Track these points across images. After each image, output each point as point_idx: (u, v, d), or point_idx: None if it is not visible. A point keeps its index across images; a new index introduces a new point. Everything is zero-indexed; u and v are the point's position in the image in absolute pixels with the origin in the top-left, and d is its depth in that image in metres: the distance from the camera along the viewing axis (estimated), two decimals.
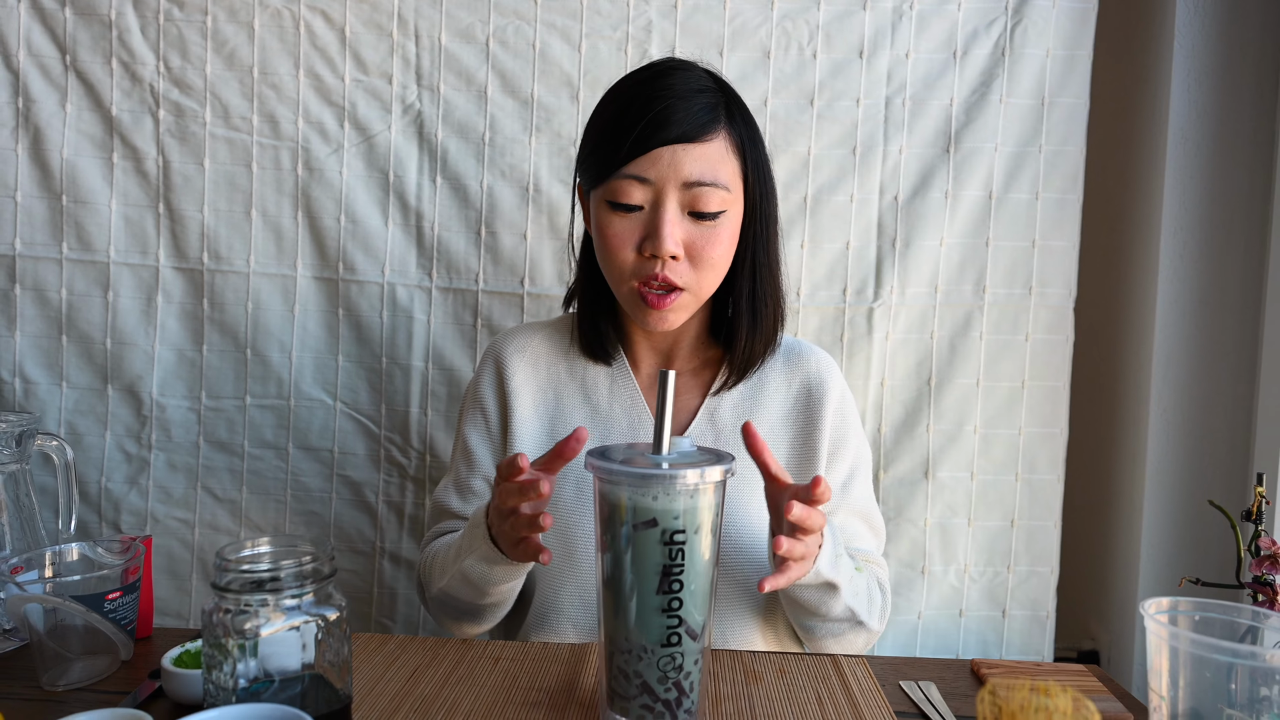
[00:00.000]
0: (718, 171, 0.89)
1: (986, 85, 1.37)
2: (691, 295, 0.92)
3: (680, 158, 0.87)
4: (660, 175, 0.88)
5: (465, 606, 0.93)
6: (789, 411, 1.01)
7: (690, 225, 0.90)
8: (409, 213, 1.41)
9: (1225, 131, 1.35)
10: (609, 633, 0.71)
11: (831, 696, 0.79)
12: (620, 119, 0.89)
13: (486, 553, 0.84)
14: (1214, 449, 1.37)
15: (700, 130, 0.88)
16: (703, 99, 0.89)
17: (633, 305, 0.93)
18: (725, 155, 0.90)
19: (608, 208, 0.91)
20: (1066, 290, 1.40)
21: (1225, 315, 1.36)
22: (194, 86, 1.41)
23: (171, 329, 1.42)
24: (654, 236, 0.88)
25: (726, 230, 0.91)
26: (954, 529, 1.41)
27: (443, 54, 1.40)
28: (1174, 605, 0.67)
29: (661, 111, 0.87)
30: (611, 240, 0.91)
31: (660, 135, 0.87)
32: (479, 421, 1.04)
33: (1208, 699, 0.60)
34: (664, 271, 0.89)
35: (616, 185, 0.89)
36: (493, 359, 1.05)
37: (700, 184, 0.88)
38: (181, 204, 1.41)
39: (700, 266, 0.91)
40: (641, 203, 0.89)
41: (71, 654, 0.80)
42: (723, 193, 0.89)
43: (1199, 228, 1.36)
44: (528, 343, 1.05)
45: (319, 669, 0.66)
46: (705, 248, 0.90)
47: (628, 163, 0.88)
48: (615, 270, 0.92)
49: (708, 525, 0.69)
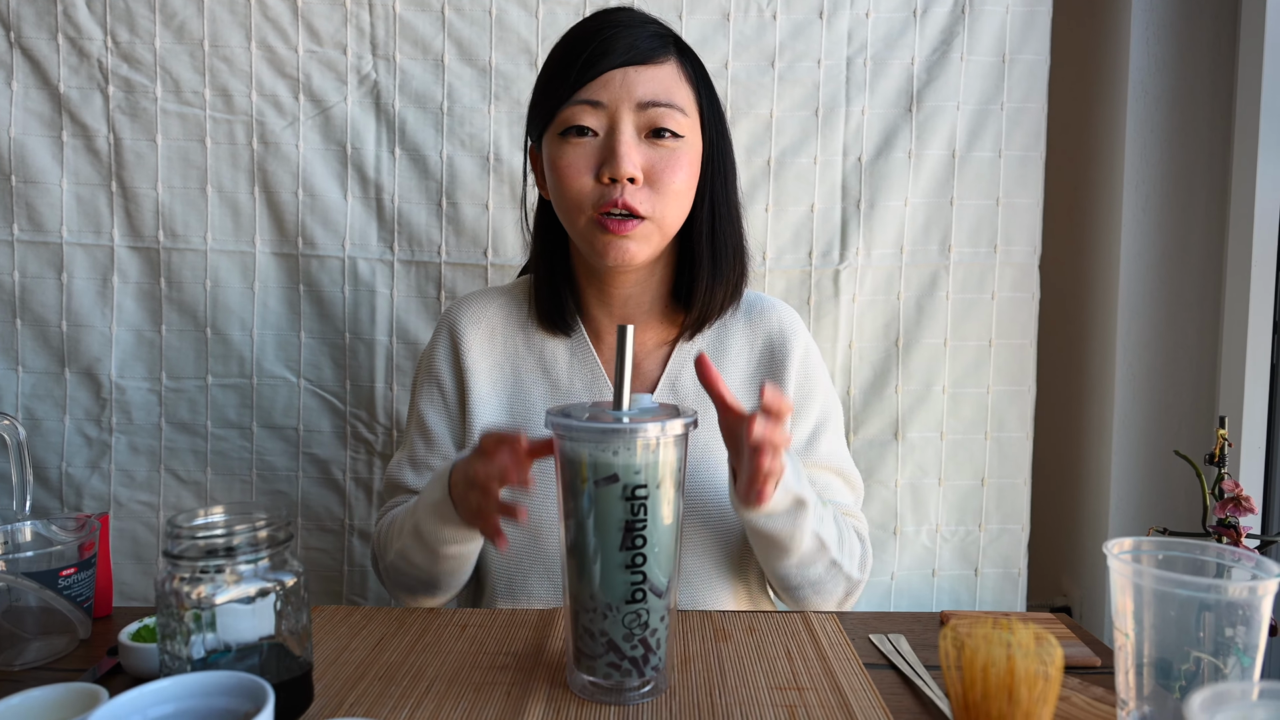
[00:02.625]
0: (672, 93, 0.87)
1: (947, 44, 1.37)
2: (654, 225, 0.88)
3: (632, 78, 0.85)
4: (613, 97, 0.85)
5: (418, 573, 0.91)
6: (754, 369, 0.99)
7: (648, 149, 0.87)
8: (368, 185, 1.39)
9: (1184, 84, 1.36)
10: (574, 591, 0.70)
11: (801, 651, 0.79)
12: (566, 55, 0.87)
13: (444, 511, 0.82)
14: (1179, 401, 1.39)
15: (650, 54, 0.86)
16: (650, 28, 0.88)
17: (591, 237, 0.88)
18: (678, 80, 0.88)
19: (560, 140, 0.87)
20: (1031, 248, 1.40)
21: (1188, 268, 1.37)
22: (143, 61, 1.37)
23: (129, 309, 1.39)
24: (611, 159, 0.85)
25: (686, 157, 0.88)
26: (925, 489, 1.41)
27: (398, 23, 1.37)
28: (1137, 545, 0.67)
29: (609, 38, 0.85)
30: (566, 170, 0.87)
31: (608, 60, 0.85)
32: (435, 397, 1.00)
33: (1173, 640, 0.60)
34: (624, 196, 0.85)
35: (568, 113, 0.86)
36: (447, 329, 1.01)
37: (655, 104, 0.86)
38: (135, 182, 1.38)
39: (661, 192, 0.87)
40: (595, 127, 0.86)
41: (27, 634, 0.78)
42: (679, 115, 0.87)
43: (1161, 181, 1.37)
44: (483, 312, 1.01)
45: (278, 637, 0.65)
46: (665, 171, 0.87)
47: (577, 89, 0.85)
48: (572, 201, 0.88)
49: (670, 480, 0.68)
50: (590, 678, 0.69)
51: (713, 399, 0.77)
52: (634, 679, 0.69)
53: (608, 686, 0.69)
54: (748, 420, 0.72)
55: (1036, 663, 0.46)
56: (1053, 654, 0.47)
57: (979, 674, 0.47)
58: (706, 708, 0.67)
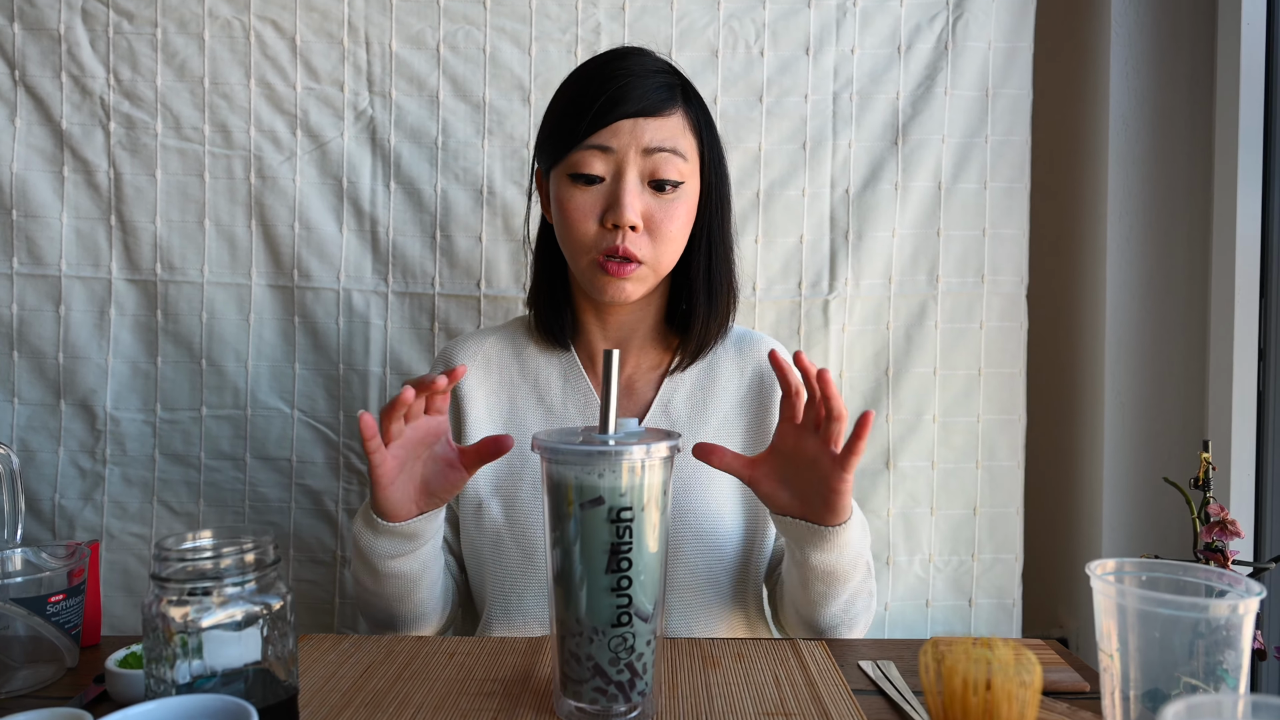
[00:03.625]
0: (677, 141, 0.92)
1: (931, 78, 1.40)
2: (649, 269, 0.93)
3: (641, 127, 0.90)
4: (622, 144, 0.90)
5: (373, 599, 0.92)
6: (742, 399, 1.02)
7: (650, 198, 0.92)
8: (363, 218, 1.41)
9: (1164, 116, 1.39)
10: (559, 616, 0.70)
11: (790, 677, 0.79)
12: (580, 97, 0.91)
13: (368, 518, 0.86)
14: (1168, 428, 1.39)
15: (659, 105, 0.91)
16: (660, 78, 0.92)
17: (592, 277, 0.94)
18: (683, 130, 0.93)
19: (569, 182, 0.92)
20: (1018, 277, 1.42)
21: (1173, 295, 1.39)
22: (145, 98, 1.40)
23: (125, 341, 1.40)
24: (615, 206, 0.90)
25: (684, 205, 0.93)
26: (917, 518, 1.41)
27: (394, 60, 1.40)
28: (1120, 566, 0.67)
29: (622, 87, 0.90)
30: (573, 213, 0.91)
31: (620, 109, 0.89)
32: None
33: (1156, 662, 0.60)
34: (625, 244, 0.90)
35: (578, 157, 0.90)
36: (443, 364, 1.05)
37: (661, 149, 0.90)
38: (134, 215, 1.40)
39: (658, 240, 0.92)
40: (603, 174, 0.91)
41: (14, 662, 0.78)
42: (681, 162, 0.92)
43: (1144, 211, 1.39)
44: (478, 347, 1.05)
45: (264, 662, 0.65)
46: (664, 221, 0.91)
47: (589, 134, 0.90)
48: (576, 243, 0.93)
49: (655, 503, 0.69)
50: (577, 703, 0.69)
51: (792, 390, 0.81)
52: (620, 704, 0.68)
53: (594, 712, 0.69)
54: (813, 382, 0.78)
55: (1015, 679, 0.46)
56: (1031, 670, 0.47)
57: (958, 690, 0.47)
58: None
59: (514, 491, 0.96)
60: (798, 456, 0.82)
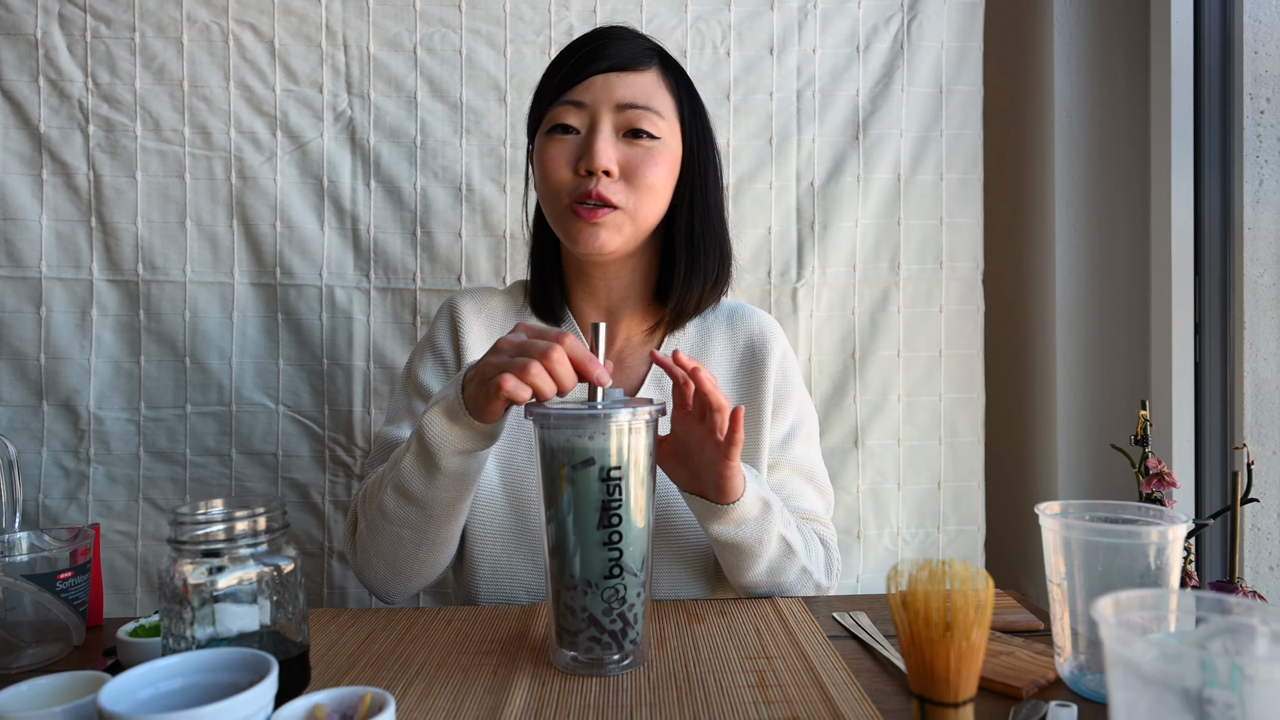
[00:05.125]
0: (651, 97, 0.94)
1: (889, 76, 1.47)
2: (625, 215, 0.93)
3: (614, 82, 0.93)
4: (594, 98, 0.92)
5: (399, 526, 0.86)
6: (734, 372, 1.04)
7: (626, 147, 0.93)
8: (344, 216, 1.44)
9: (1104, 111, 1.47)
10: (555, 572, 0.75)
11: (769, 628, 0.84)
12: (559, 62, 0.96)
13: (454, 410, 0.78)
14: (1115, 399, 1.48)
15: (633, 62, 0.94)
16: (638, 42, 0.96)
17: (566, 223, 0.95)
18: (658, 87, 0.95)
19: (545, 137, 0.95)
20: (974, 263, 1.50)
21: (1116, 277, 1.48)
22: (123, 101, 1.42)
23: (107, 341, 1.42)
24: (588, 153, 0.92)
25: (663, 156, 0.94)
26: (885, 494, 1.48)
27: (372, 62, 1.44)
28: (1065, 508, 0.73)
29: (598, 46, 0.93)
30: (548, 163, 0.94)
31: (594, 65, 0.93)
32: (436, 368, 1.03)
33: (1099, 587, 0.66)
34: (598, 188, 0.91)
35: (554, 112, 0.94)
36: (449, 312, 1.06)
37: (634, 106, 0.92)
38: (114, 217, 1.42)
39: (637, 187, 0.93)
40: (578, 125, 0.93)
41: (22, 641, 0.81)
42: (656, 118, 0.93)
43: (1088, 199, 1.48)
44: (484, 304, 1.06)
45: (277, 621, 0.69)
46: (641, 166, 0.92)
47: (564, 90, 0.93)
48: (551, 190, 0.94)
49: (642, 464, 0.74)
50: (572, 653, 0.74)
51: (680, 380, 0.81)
52: (613, 652, 0.73)
53: (588, 661, 0.73)
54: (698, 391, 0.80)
55: (970, 590, 0.52)
56: (985, 582, 0.53)
57: (920, 603, 0.52)
58: (683, 676, 0.72)
59: (511, 455, 0.99)
60: (690, 440, 0.85)
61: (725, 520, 0.86)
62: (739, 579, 0.92)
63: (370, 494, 0.90)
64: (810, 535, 0.98)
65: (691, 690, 0.69)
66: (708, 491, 0.85)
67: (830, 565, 1.00)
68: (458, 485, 0.84)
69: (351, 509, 0.96)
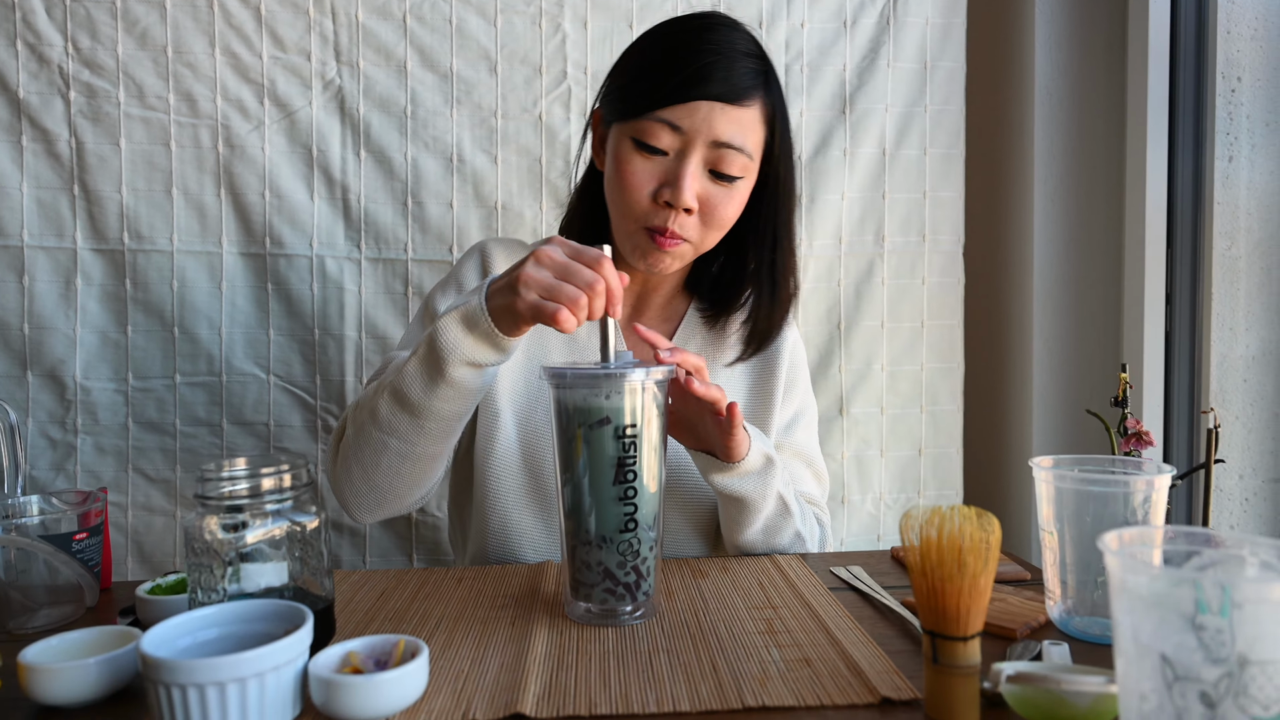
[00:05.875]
0: (746, 137, 0.90)
1: (875, 52, 1.50)
2: (692, 247, 0.94)
3: (716, 116, 0.88)
4: (694, 126, 0.88)
5: (390, 429, 0.83)
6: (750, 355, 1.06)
7: (707, 182, 0.91)
8: (334, 186, 1.44)
9: (1083, 87, 1.52)
10: (571, 528, 0.77)
11: (772, 582, 0.87)
12: (665, 63, 0.89)
13: (474, 314, 0.76)
14: (1090, 368, 1.54)
15: (741, 94, 0.88)
16: (748, 63, 0.90)
17: (636, 243, 0.94)
18: (756, 124, 0.91)
19: (632, 145, 0.91)
20: (955, 237, 1.54)
21: (1092, 249, 1.53)
22: (105, 67, 1.40)
23: (93, 311, 1.41)
24: (674, 186, 0.89)
25: (740, 194, 0.93)
26: (868, 460, 1.53)
27: (360, 31, 1.43)
28: (1057, 462, 0.78)
29: (708, 65, 0.87)
30: (630, 178, 0.91)
31: (702, 89, 0.87)
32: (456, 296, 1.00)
33: (1089, 535, 0.70)
34: (674, 224, 0.91)
35: (647, 125, 0.89)
36: (479, 255, 1.04)
37: (729, 146, 0.89)
38: (98, 185, 1.40)
39: (710, 224, 0.92)
40: (668, 149, 0.89)
41: (35, 603, 0.81)
42: (745, 159, 0.91)
43: (1065, 174, 1.52)
44: (515, 255, 1.04)
45: (302, 575, 0.71)
46: (719, 207, 0.91)
47: (664, 107, 0.88)
48: (626, 208, 0.92)
49: (655, 422, 0.76)
50: (586, 605, 0.77)
51: None
52: (627, 604, 0.76)
53: (602, 612, 0.76)
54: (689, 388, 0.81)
55: (980, 530, 0.55)
56: (992, 525, 0.56)
57: (934, 545, 0.56)
58: (694, 625, 0.75)
59: (529, 416, 1.00)
60: (689, 413, 0.88)
61: (730, 473, 0.89)
62: (736, 537, 0.96)
63: (364, 400, 0.86)
64: (807, 510, 1.02)
65: (705, 637, 0.72)
66: (714, 451, 0.89)
67: (824, 542, 1.04)
68: (458, 399, 0.81)
69: (341, 418, 0.93)
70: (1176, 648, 0.44)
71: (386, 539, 1.47)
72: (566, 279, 0.74)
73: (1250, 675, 0.42)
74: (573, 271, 0.74)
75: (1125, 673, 0.47)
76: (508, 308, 0.75)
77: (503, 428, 0.99)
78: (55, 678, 0.60)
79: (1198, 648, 0.43)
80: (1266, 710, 0.42)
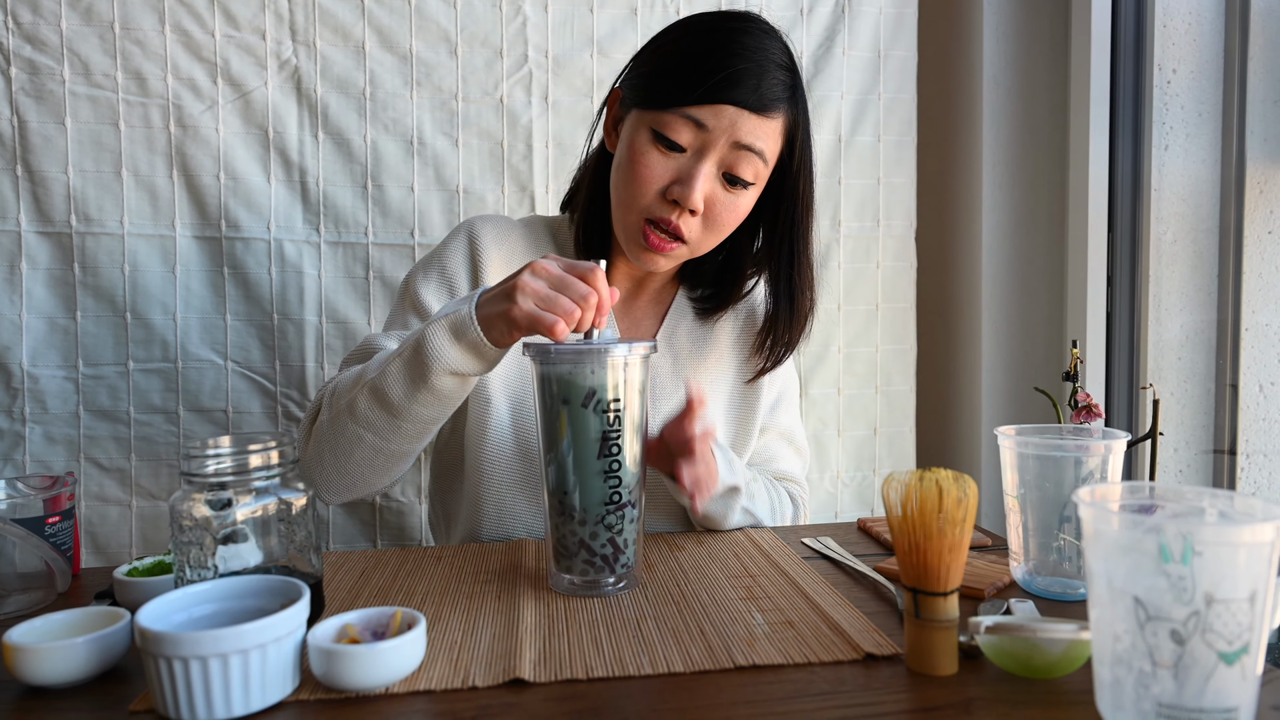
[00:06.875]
0: (766, 144, 0.91)
1: (831, 39, 1.53)
2: (689, 250, 0.95)
3: (740, 121, 0.88)
4: (716, 126, 0.88)
5: (367, 425, 0.83)
6: (736, 338, 1.09)
7: (717, 186, 0.92)
8: (292, 169, 1.42)
9: (1029, 78, 1.58)
10: (555, 502, 0.78)
11: (747, 553, 0.90)
12: (698, 61, 0.88)
13: (463, 324, 0.77)
14: (1036, 349, 1.60)
15: (768, 105, 0.89)
16: (779, 75, 0.90)
17: (632, 236, 0.94)
18: (777, 135, 0.92)
19: (651, 136, 0.90)
20: (908, 222, 1.59)
21: (1037, 234, 1.59)
22: (49, 43, 1.35)
23: (39, 296, 1.36)
24: (686, 184, 0.90)
25: (746, 202, 0.94)
26: (826, 439, 1.57)
27: (317, 9, 1.41)
28: (1020, 431, 0.82)
29: (740, 71, 0.87)
30: (643, 170, 0.91)
31: (730, 94, 0.87)
32: (438, 287, 0.99)
33: (1051, 498, 0.74)
34: (679, 221, 0.91)
35: (671, 119, 0.89)
36: (466, 236, 1.01)
37: (749, 148, 0.89)
38: (42, 165, 1.35)
39: (712, 228, 0.93)
40: (687, 145, 0.90)
41: (5, 589, 0.79)
42: (760, 165, 0.91)
43: (1011, 162, 1.58)
44: (506, 236, 1.03)
45: (290, 552, 0.70)
46: (724, 212, 0.92)
47: (691, 105, 0.88)
48: (631, 198, 0.92)
49: (638, 397, 0.78)
50: (570, 577, 0.78)
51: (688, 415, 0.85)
52: (608, 575, 0.78)
53: (584, 584, 0.78)
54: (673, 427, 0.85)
55: (958, 490, 0.58)
56: (969, 486, 0.60)
57: (912, 504, 0.59)
58: (677, 593, 0.77)
59: (523, 397, 1.00)
60: (675, 445, 0.89)
61: None
62: None
63: (342, 389, 0.86)
64: (780, 497, 1.06)
65: (689, 603, 0.74)
66: None
67: (797, 519, 1.09)
68: (438, 405, 0.82)
69: (316, 399, 0.92)
70: (1148, 590, 0.47)
71: (351, 525, 1.46)
72: (563, 291, 0.75)
73: (1215, 613, 0.46)
74: (568, 284, 0.76)
75: (1100, 616, 0.50)
76: (503, 314, 0.76)
77: (495, 413, 0.99)
78: (44, 657, 0.59)
79: (1168, 589, 0.47)
80: (1230, 645, 0.46)
